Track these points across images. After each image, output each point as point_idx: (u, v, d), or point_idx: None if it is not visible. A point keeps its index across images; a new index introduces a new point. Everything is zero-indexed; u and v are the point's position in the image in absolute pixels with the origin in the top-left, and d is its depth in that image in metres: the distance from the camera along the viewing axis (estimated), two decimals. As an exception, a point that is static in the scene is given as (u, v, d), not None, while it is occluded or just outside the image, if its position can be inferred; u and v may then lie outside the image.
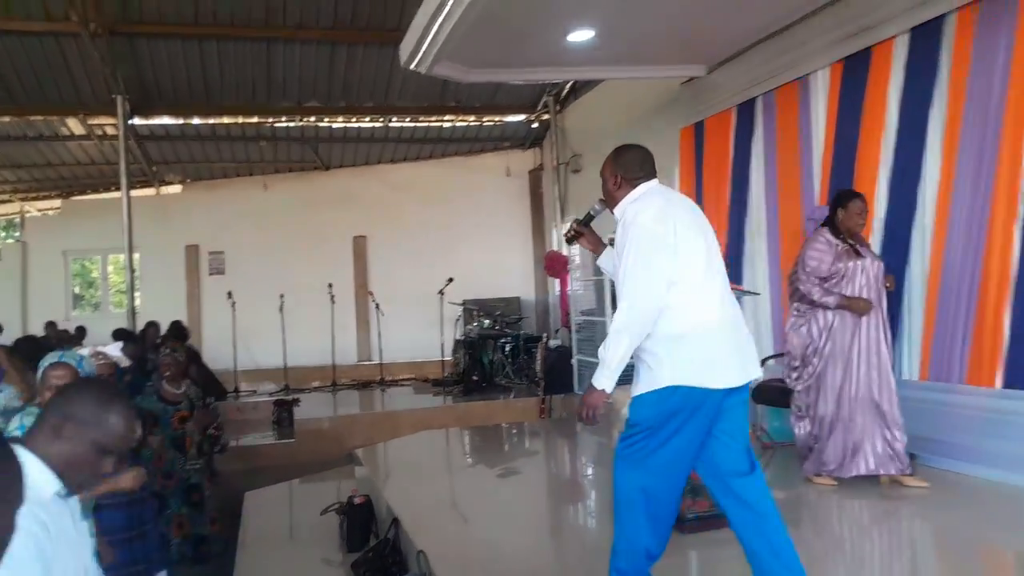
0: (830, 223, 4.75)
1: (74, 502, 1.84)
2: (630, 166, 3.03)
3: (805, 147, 6.47)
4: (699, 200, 7.88)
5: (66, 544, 1.72)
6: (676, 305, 2.78)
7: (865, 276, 4.62)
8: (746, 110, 7.21)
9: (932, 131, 5.30)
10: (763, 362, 6.09)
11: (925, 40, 5.33)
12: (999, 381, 4.71)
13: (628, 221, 2.88)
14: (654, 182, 3.04)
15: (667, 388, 2.77)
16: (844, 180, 6.00)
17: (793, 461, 5.43)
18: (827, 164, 6.23)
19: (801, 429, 4.87)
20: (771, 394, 5.66)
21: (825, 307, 4.63)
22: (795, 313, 4.81)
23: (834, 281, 4.62)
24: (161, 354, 5.42)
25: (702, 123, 7.88)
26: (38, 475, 1.69)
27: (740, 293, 5.81)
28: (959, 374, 4.98)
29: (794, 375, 4.84)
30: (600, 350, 2.89)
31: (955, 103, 5.10)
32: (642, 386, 2.85)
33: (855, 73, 5.93)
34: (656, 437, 2.81)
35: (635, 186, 3.01)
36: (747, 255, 7.19)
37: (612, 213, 3.09)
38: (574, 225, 3.30)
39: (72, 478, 1.75)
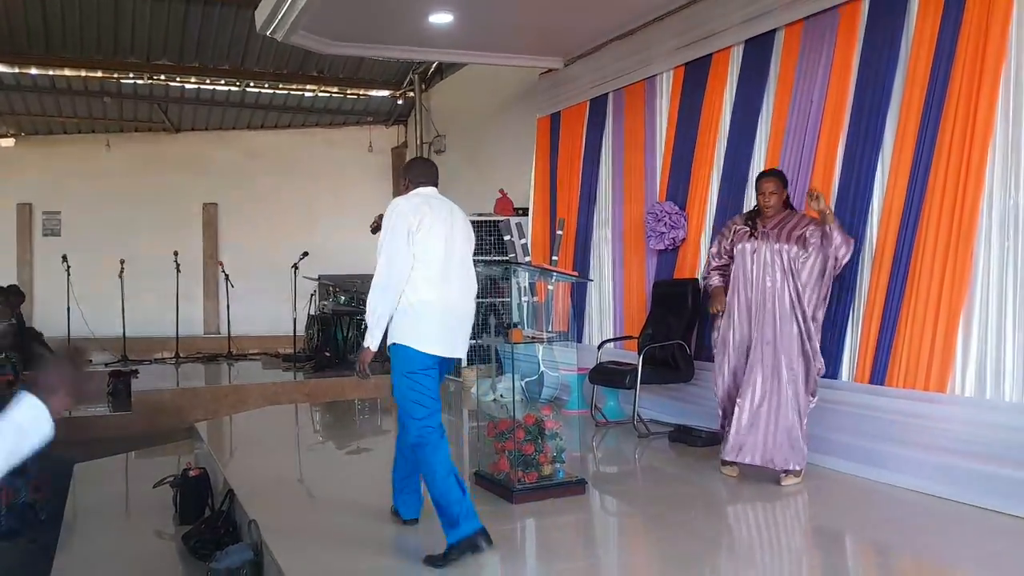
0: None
1: None
2: (415, 173, 3.84)
3: (649, 144, 6.84)
4: (552, 188, 8.18)
5: None
6: (413, 282, 3.50)
7: (754, 259, 4.55)
8: (599, 105, 7.52)
9: (760, 135, 5.75)
10: (601, 344, 6.46)
11: (758, 51, 5.77)
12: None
13: (390, 208, 3.62)
14: (430, 188, 3.78)
15: (397, 343, 3.53)
16: (682, 177, 6.41)
17: (623, 438, 5.81)
18: (667, 161, 6.62)
19: None
20: (606, 375, 5.99)
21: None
22: None
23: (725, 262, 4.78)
24: None
25: (559, 114, 8.14)
26: None
27: (575, 278, 6.10)
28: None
29: None
30: (366, 315, 3.53)
31: (780, 110, 5.56)
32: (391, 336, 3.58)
33: (696, 77, 6.34)
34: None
35: (415, 187, 3.75)
36: (594, 242, 7.53)
37: None
38: (377, 219, 3.96)
39: None
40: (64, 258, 11.17)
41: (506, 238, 8.27)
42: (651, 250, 6.63)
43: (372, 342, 3.54)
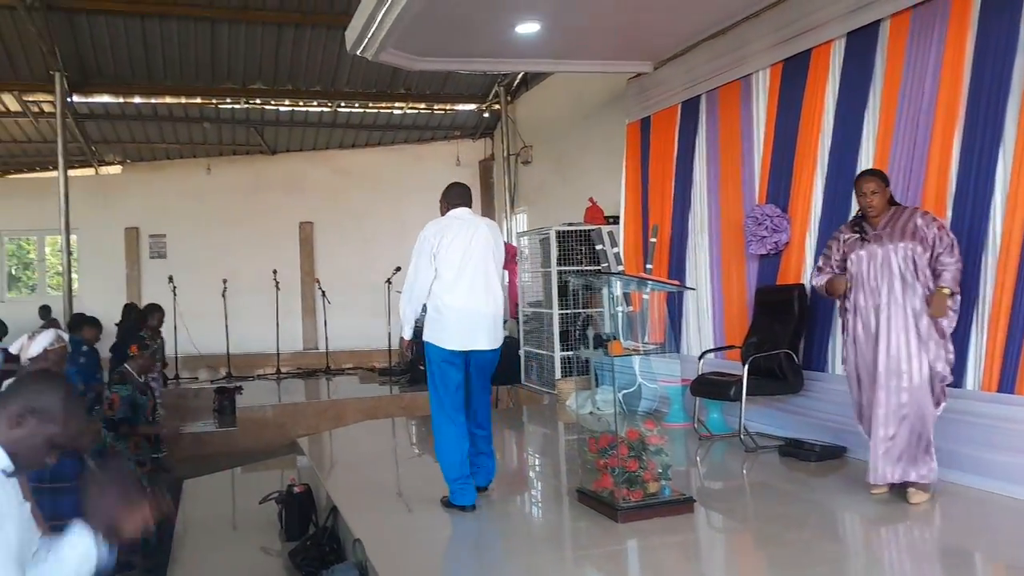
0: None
1: (15, 481, 1.91)
2: (451, 196, 4.51)
3: (746, 145, 6.61)
4: (644, 193, 8.01)
5: (9, 519, 1.80)
6: (435, 291, 4.30)
7: (871, 265, 4.26)
8: (691, 107, 7.32)
9: (867, 132, 5.46)
10: (702, 355, 6.25)
11: (861, 44, 5.48)
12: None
13: (422, 231, 4.39)
14: (462, 209, 4.47)
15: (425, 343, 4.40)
16: (783, 179, 6.15)
17: (730, 452, 5.58)
18: (767, 162, 6.37)
19: None
20: (709, 387, 5.78)
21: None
22: None
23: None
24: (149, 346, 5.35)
25: (648, 118, 7.97)
26: None
27: (674, 287, 5.93)
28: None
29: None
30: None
31: (888, 105, 5.26)
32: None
33: (794, 74, 6.08)
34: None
35: (451, 209, 4.47)
36: (690, 248, 7.31)
37: None
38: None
39: (21, 462, 1.87)
40: (170, 279, 11.63)
41: (598, 247, 8.14)
42: (751, 255, 6.38)
43: (405, 333, 4.59)
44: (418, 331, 4.53)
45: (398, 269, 11.22)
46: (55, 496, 3.50)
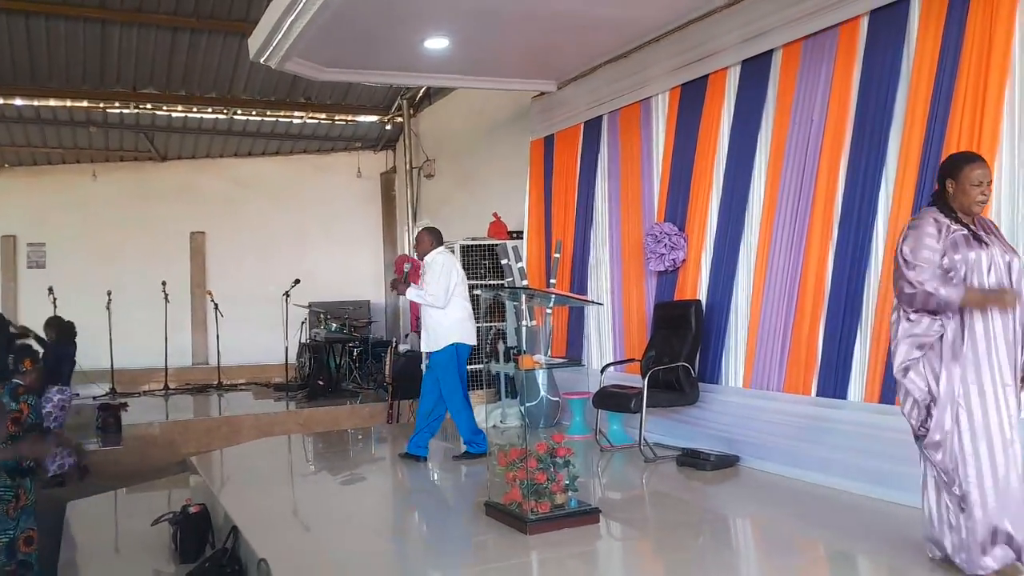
0: (939, 199, 3.33)
1: None
2: (438, 238, 6.11)
3: (646, 165, 6.83)
4: (547, 210, 8.15)
5: None
6: (450, 305, 5.83)
7: (996, 272, 3.22)
8: (593, 127, 7.51)
9: (759, 156, 5.74)
10: (603, 368, 6.40)
11: (755, 71, 5.77)
12: (813, 390, 5.15)
13: (431, 261, 5.95)
14: (443, 247, 6.12)
15: (451, 344, 5.84)
16: (680, 198, 6.39)
17: (630, 462, 5.72)
18: (665, 182, 6.60)
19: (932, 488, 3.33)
20: (611, 399, 5.92)
21: (943, 308, 3.17)
22: (907, 321, 3.27)
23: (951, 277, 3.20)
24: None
25: (552, 136, 8.13)
26: None
27: (583, 303, 6.06)
28: (778, 383, 5.41)
29: (914, 421, 3.28)
30: (420, 296, 5.91)
31: (779, 130, 5.56)
32: (438, 345, 5.91)
33: (692, 98, 6.33)
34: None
35: (438, 246, 6.06)
36: (592, 264, 7.48)
37: (419, 259, 6.10)
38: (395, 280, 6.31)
39: None
40: (50, 290, 10.99)
41: (503, 262, 8.21)
42: (651, 271, 6.59)
43: (412, 295, 5.95)
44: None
45: (297, 282, 11.00)
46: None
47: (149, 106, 11.37)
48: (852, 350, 4.91)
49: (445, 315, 5.82)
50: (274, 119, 12.33)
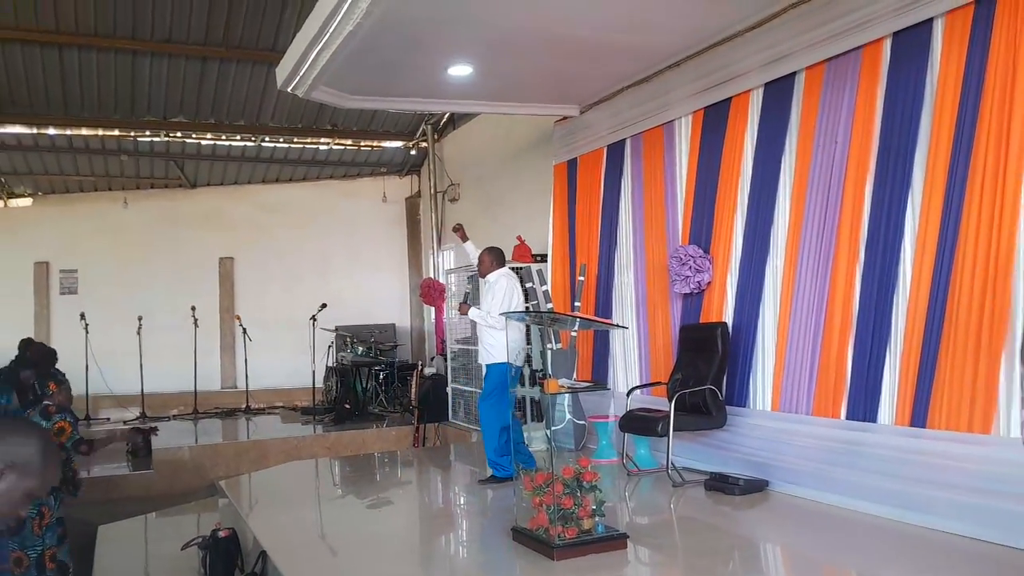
0: None
1: None
2: (500, 258, 6.34)
3: (670, 188, 6.84)
4: (571, 233, 8.17)
5: None
6: (509, 327, 5.72)
7: None
8: (616, 150, 7.54)
9: (783, 178, 5.73)
10: (630, 392, 6.38)
11: (778, 94, 5.78)
12: (843, 413, 5.10)
13: (493, 281, 6.16)
14: (506, 267, 6.37)
15: (505, 362, 5.86)
16: (705, 221, 6.39)
17: (657, 487, 5.69)
18: (689, 205, 6.60)
19: None
20: (637, 423, 5.89)
21: None
22: None
23: None
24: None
25: (575, 160, 8.17)
26: None
27: (608, 327, 6.05)
28: (806, 406, 5.37)
29: None
30: (484, 319, 6.04)
31: (803, 153, 5.55)
32: (493, 359, 6.06)
33: (715, 121, 6.35)
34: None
35: (498, 268, 6.25)
36: (616, 287, 7.48)
37: (480, 277, 6.42)
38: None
39: None
40: (82, 316, 11.19)
41: (528, 285, 8.22)
42: (676, 294, 6.58)
43: (476, 316, 6.13)
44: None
45: (324, 306, 11.10)
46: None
47: (179, 134, 11.59)
48: (881, 373, 4.86)
49: (502, 335, 5.87)
50: (301, 146, 12.52)
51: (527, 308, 8.08)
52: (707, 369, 5.86)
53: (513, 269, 8.47)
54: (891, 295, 4.83)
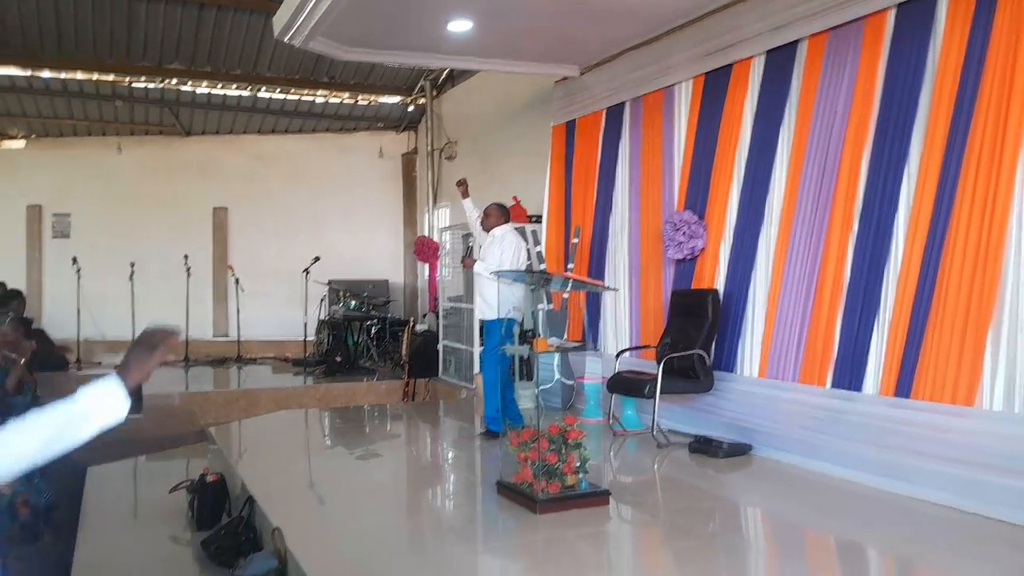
0: None
1: None
2: (506, 214, 6.26)
3: (667, 153, 6.82)
4: (567, 195, 8.16)
5: None
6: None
7: None
8: (615, 113, 7.50)
9: (781, 147, 5.72)
10: (619, 354, 6.44)
11: (780, 62, 5.75)
12: (828, 381, 5.17)
13: (500, 235, 6.12)
14: (511, 224, 6.29)
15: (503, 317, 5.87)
16: (701, 187, 6.39)
17: (642, 448, 5.77)
18: (686, 171, 6.59)
19: None
20: (625, 384, 5.96)
21: None
22: None
23: None
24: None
25: (574, 122, 8.13)
26: None
27: (598, 288, 6.08)
28: (793, 373, 5.43)
29: None
30: (485, 270, 5.90)
31: (803, 122, 5.54)
32: (493, 314, 6.01)
33: (715, 87, 6.32)
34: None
35: (503, 223, 6.20)
36: (610, 251, 7.50)
37: (484, 230, 6.32)
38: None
39: None
40: (74, 260, 11.17)
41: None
42: (669, 259, 6.60)
43: (479, 268, 6.06)
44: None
45: (317, 259, 11.11)
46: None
47: (174, 81, 11.46)
48: (869, 343, 4.91)
49: (507, 291, 5.85)
50: (297, 97, 12.40)
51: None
52: (696, 334, 5.91)
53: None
54: (882, 267, 4.87)
